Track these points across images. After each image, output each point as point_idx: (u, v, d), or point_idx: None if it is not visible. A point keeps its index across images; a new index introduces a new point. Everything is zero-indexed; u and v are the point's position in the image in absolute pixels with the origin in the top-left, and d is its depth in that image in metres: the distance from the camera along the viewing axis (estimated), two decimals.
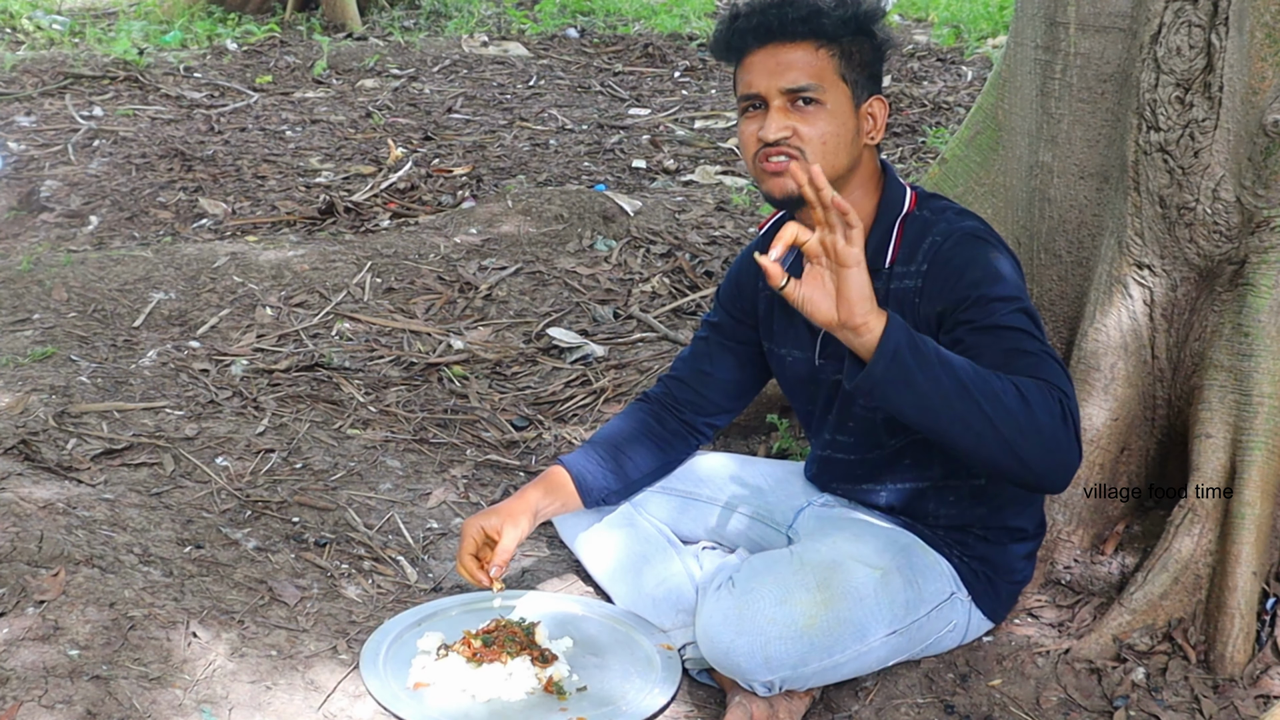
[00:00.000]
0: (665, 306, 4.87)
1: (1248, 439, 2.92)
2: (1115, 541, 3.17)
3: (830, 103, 2.67)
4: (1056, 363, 2.52)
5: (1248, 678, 2.83)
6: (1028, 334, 2.54)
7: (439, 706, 2.71)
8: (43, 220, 5.81)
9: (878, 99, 2.77)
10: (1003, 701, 2.81)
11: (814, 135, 2.67)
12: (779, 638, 2.56)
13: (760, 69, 2.70)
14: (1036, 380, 2.45)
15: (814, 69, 2.67)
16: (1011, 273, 2.65)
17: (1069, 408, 2.46)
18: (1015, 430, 2.40)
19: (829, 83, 2.67)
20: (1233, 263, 2.99)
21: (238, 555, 3.21)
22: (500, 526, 2.90)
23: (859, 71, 2.71)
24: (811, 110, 2.67)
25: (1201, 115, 2.91)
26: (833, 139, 2.68)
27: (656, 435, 3.11)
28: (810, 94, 2.66)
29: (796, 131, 2.66)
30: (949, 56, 9.28)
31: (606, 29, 10.24)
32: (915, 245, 2.72)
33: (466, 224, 5.45)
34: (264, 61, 9.04)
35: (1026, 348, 2.52)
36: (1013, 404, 2.40)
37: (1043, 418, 2.41)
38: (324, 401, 4.10)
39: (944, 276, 2.66)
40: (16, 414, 3.71)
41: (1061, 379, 2.49)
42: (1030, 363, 2.50)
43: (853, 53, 2.70)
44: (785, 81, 2.67)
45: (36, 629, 2.72)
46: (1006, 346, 2.53)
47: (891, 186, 2.81)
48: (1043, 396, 2.42)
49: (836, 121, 2.68)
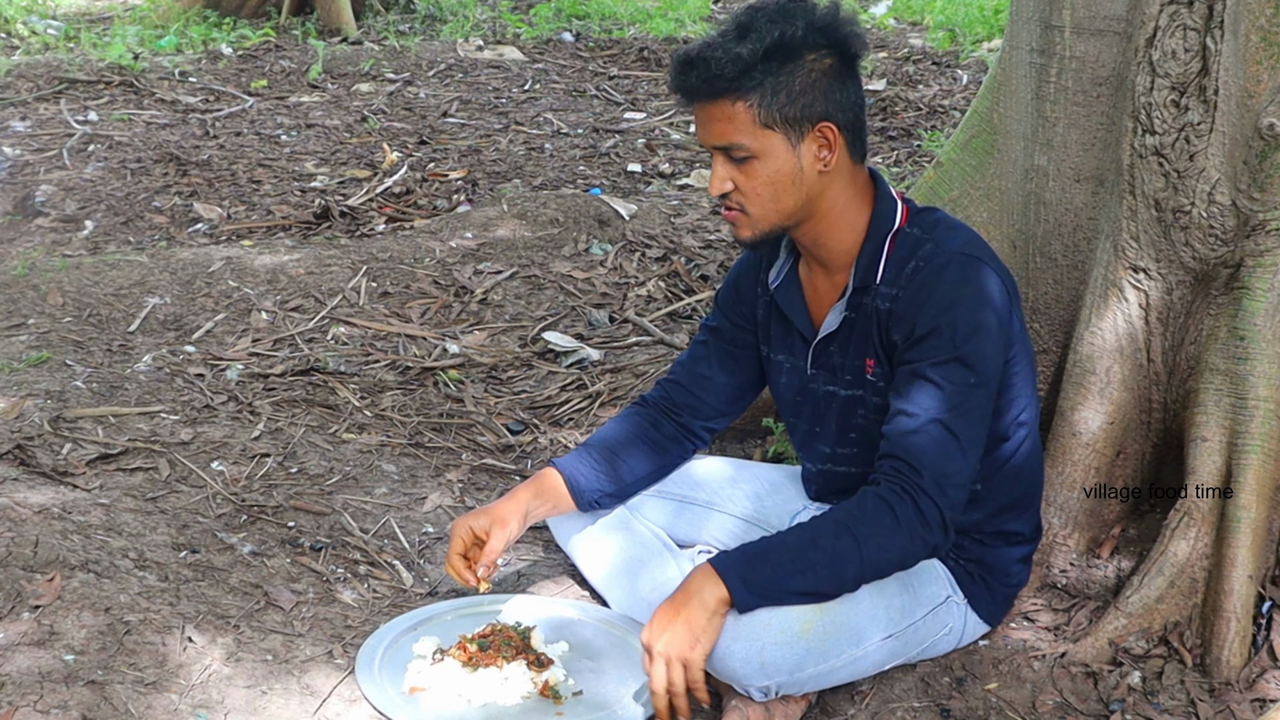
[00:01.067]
0: (661, 310, 4.87)
1: (1243, 442, 2.92)
2: (1111, 545, 3.17)
3: (760, 152, 2.64)
4: (944, 433, 2.61)
5: (1244, 681, 2.82)
6: (941, 393, 2.62)
7: (434, 711, 2.70)
8: (38, 225, 5.80)
9: (824, 126, 2.66)
10: (999, 705, 2.80)
11: (750, 187, 2.68)
12: (775, 643, 2.56)
13: (697, 123, 2.72)
14: (871, 492, 2.62)
15: (733, 126, 2.63)
16: (976, 309, 2.65)
17: (915, 494, 2.59)
18: (876, 561, 2.60)
19: (750, 135, 2.63)
20: (1228, 266, 2.99)
21: (233, 560, 3.21)
22: (489, 527, 2.91)
23: (789, 109, 2.62)
24: (745, 164, 2.66)
25: (1197, 119, 2.91)
26: (770, 188, 2.67)
27: (652, 439, 3.11)
28: (736, 152, 2.65)
29: (736, 185, 2.69)
30: (944, 60, 9.29)
31: (601, 33, 10.25)
32: (902, 265, 2.73)
33: (462, 228, 5.45)
34: (259, 66, 9.04)
35: (922, 413, 2.62)
36: (849, 548, 2.58)
37: (876, 538, 2.59)
38: (319, 406, 4.10)
39: (909, 304, 2.68)
40: (11, 419, 3.71)
41: (927, 455, 2.61)
42: (907, 434, 2.63)
43: (776, 93, 2.61)
44: (712, 140, 2.68)
45: (32, 634, 2.72)
46: (907, 405, 2.65)
47: (883, 200, 2.79)
48: (871, 516, 2.60)
49: (772, 168, 2.66)
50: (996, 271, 2.71)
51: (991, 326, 2.64)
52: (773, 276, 2.94)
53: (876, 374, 2.77)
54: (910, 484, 2.58)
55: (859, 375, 2.80)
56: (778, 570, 2.57)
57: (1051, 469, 3.13)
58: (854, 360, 2.81)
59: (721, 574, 2.56)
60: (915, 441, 2.60)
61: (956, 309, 2.63)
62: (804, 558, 2.57)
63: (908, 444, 2.61)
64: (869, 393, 2.80)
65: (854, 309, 2.78)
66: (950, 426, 2.59)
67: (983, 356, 2.63)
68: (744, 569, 2.57)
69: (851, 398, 2.84)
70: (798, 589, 2.57)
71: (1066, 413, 3.16)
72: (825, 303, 2.86)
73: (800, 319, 2.89)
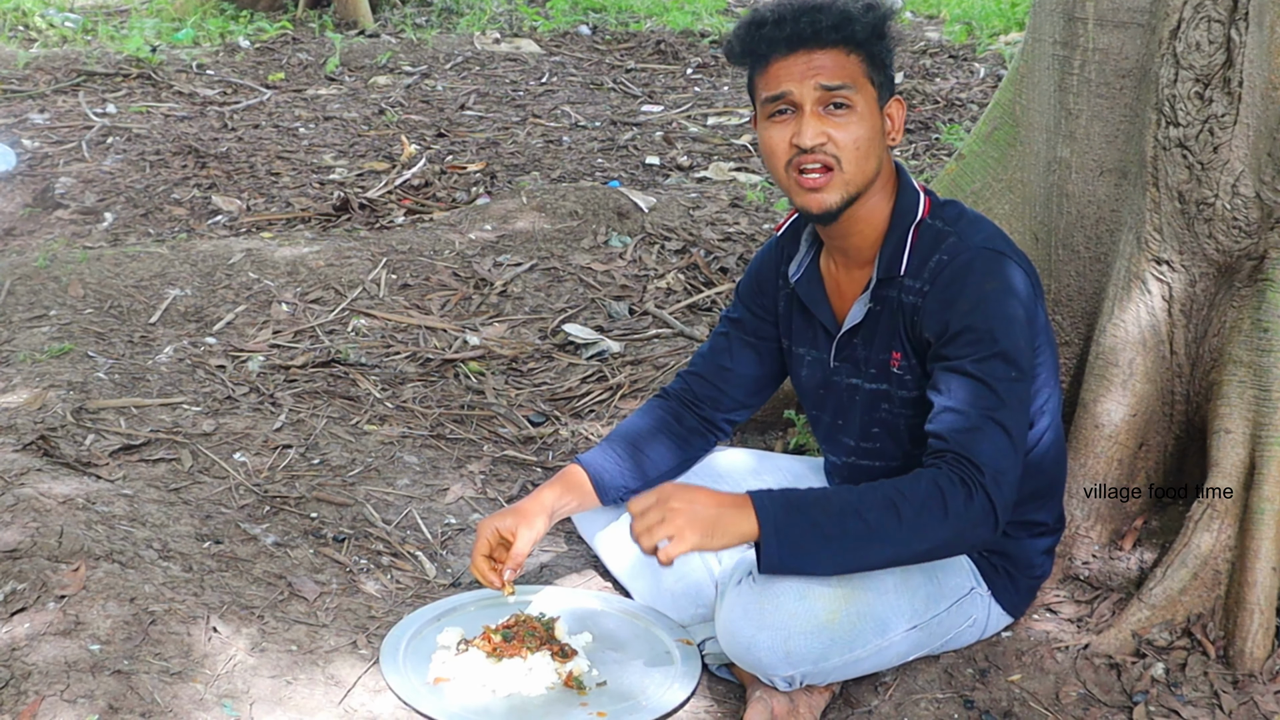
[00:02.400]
0: (680, 302, 4.87)
1: (1267, 434, 2.92)
2: (1134, 537, 3.17)
3: (859, 106, 2.66)
4: (997, 429, 2.58)
5: (1267, 673, 2.82)
6: (987, 389, 2.59)
7: (459, 701, 2.71)
8: (58, 217, 5.82)
9: (896, 100, 2.76)
10: (1022, 697, 2.81)
11: (847, 141, 2.66)
12: (800, 632, 2.56)
13: (790, 73, 2.67)
14: (928, 474, 2.57)
15: (847, 71, 2.65)
16: (1006, 303, 2.64)
17: (972, 486, 2.55)
18: (913, 547, 2.57)
19: (860, 85, 2.66)
20: (1252, 258, 2.99)
21: (257, 550, 3.22)
22: (515, 528, 2.90)
23: (882, 74, 2.71)
24: (842, 115, 2.65)
25: (1221, 110, 2.91)
26: (864, 143, 2.67)
27: (674, 432, 3.11)
28: (844, 95, 2.64)
29: (831, 138, 2.65)
30: (961, 53, 9.27)
31: (619, 26, 10.25)
32: (925, 257, 2.71)
33: (481, 220, 5.45)
34: (276, 59, 9.06)
35: (972, 410, 2.59)
36: (892, 525, 2.54)
37: (920, 523, 2.54)
38: (341, 397, 4.11)
39: (941, 301, 2.66)
40: (35, 410, 3.72)
41: (984, 452, 2.57)
42: (961, 431, 2.59)
43: (875, 56, 2.69)
44: (822, 79, 2.65)
45: (57, 624, 2.73)
46: (955, 403, 2.62)
47: (906, 191, 2.79)
48: (922, 500, 2.54)
49: (866, 125, 2.67)
50: (1020, 265, 2.70)
51: (1020, 319, 2.64)
52: (793, 270, 2.94)
53: (903, 367, 2.76)
54: (972, 476, 2.55)
55: (884, 369, 2.80)
56: (813, 532, 2.53)
57: (1074, 461, 3.13)
58: (879, 354, 2.80)
59: (760, 516, 2.54)
60: (973, 439, 2.57)
61: (987, 304, 2.62)
62: (843, 525, 2.53)
63: (965, 441, 2.58)
64: (895, 386, 2.79)
65: (878, 301, 2.78)
66: (1003, 423, 2.58)
67: (1019, 349, 2.62)
68: (783, 518, 2.53)
69: (876, 391, 2.83)
70: (825, 557, 2.55)
71: (1089, 405, 3.15)
72: (848, 295, 2.86)
73: (823, 312, 2.89)
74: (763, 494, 2.57)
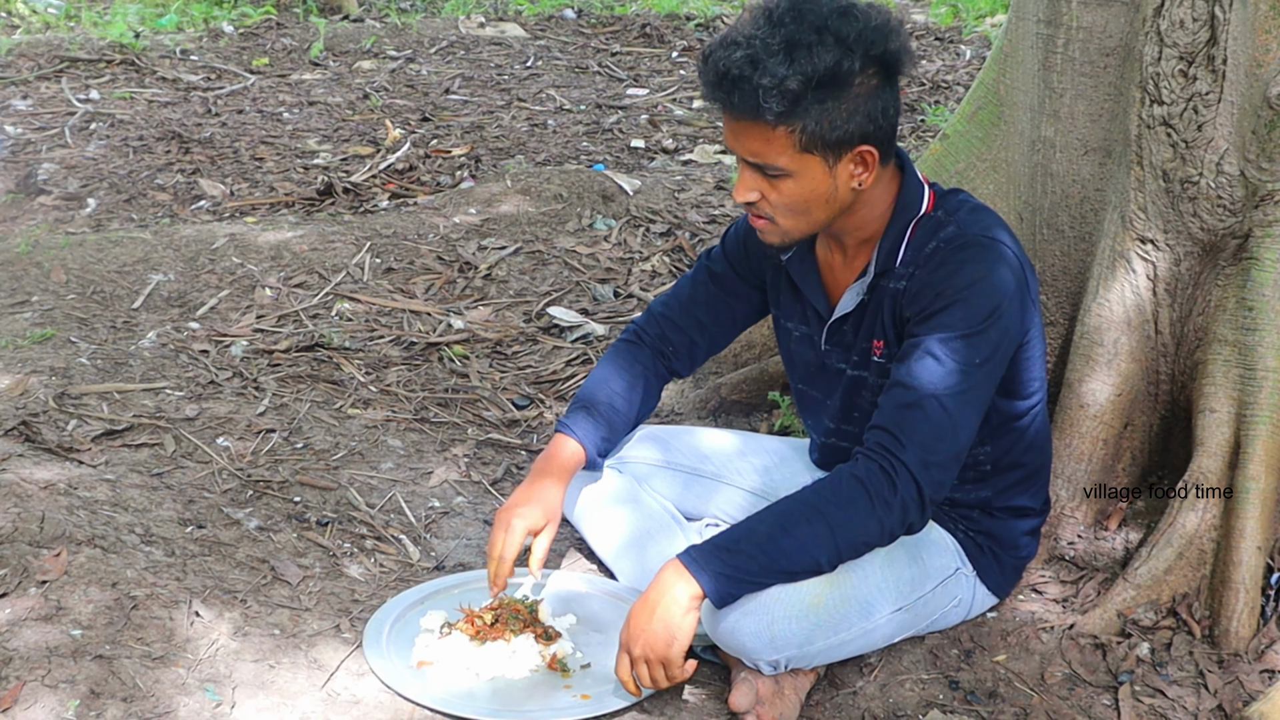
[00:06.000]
0: (665, 285, 4.85)
1: (1252, 413, 2.92)
2: (1119, 517, 3.17)
3: (795, 173, 2.55)
4: (938, 409, 2.54)
5: (1252, 652, 2.83)
6: (942, 369, 2.55)
7: (443, 685, 2.70)
8: (40, 203, 5.79)
9: (865, 150, 2.57)
10: (1007, 677, 2.81)
11: (780, 202, 2.60)
12: (785, 616, 2.56)
13: (727, 131, 2.59)
14: (847, 470, 2.57)
15: (770, 148, 2.52)
16: (988, 291, 2.59)
17: (894, 473, 2.53)
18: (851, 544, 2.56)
19: (788, 158, 2.52)
20: (1236, 237, 2.98)
21: (240, 535, 3.21)
22: (543, 524, 2.90)
23: (830, 134, 2.51)
24: (778, 180, 2.57)
25: (1205, 88, 2.90)
26: (802, 203, 2.59)
27: (648, 384, 3.10)
28: (768, 171, 2.56)
29: (764, 196, 2.60)
30: (947, 35, 9.25)
31: (604, 9, 10.21)
32: (921, 247, 2.67)
33: (465, 204, 5.43)
34: (260, 44, 9.01)
35: (920, 386, 2.55)
36: (822, 533, 2.53)
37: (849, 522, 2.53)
38: (324, 381, 4.10)
39: (924, 282, 2.63)
40: (16, 395, 3.70)
41: (917, 430, 2.54)
42: (902, 406, 2.56)
43: (821, 121, 2.49)
44: (744, 154, 2.57)
45: (39, 609, 2.71)
46: (905, 377, 2.58)
47: (909, 187, 2.72)
48: (846, 499, 2.54)
49: (806, 187, 2.57)
50: (1016, 255, 2.66)
51: (1005, 310, 2.59)
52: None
53: (884, 356, 2.74)
54: (892, 460, 2.52)
55: (865, 357, 2.78)
56: (749, 561, 2.53)
57: (1059, 441, 3.12)
58: (863, 342, 2.78)
59: (693, 570, 2.53)
60: (907, 416, 2.55)
61: (972, 289, 2.58)
62: (775, 547, 2.53)
63: (899, 417, 2.55)
64: (874, 374, 2.78)
65: (871, 291, 2.75)
66: (946, 405, 2.54)
67: (990, 340, 2.57)
68: (715, 563, 2.54)
69: (856, 378, 2.82)
70: (770, 580, 2.55)
71: (1074, 385, 3.15)
72: (841, 282, 2.83)
73: (816, 295, 2.86)
74: (690, 550, 2.57)
